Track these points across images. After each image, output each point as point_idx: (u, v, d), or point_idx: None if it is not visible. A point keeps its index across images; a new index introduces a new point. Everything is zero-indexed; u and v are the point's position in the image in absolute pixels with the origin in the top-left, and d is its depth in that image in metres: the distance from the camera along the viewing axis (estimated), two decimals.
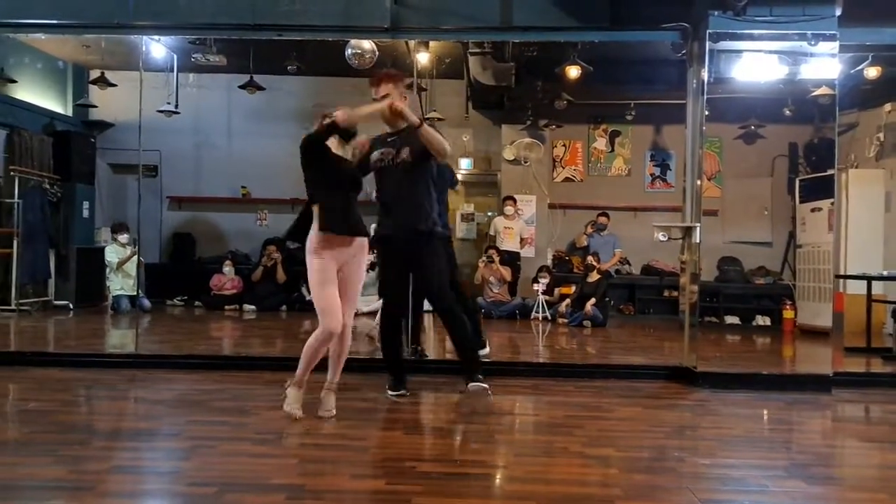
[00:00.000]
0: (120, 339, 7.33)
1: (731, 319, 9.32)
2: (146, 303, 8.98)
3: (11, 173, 8.60)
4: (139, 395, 4.38)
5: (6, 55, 8.89)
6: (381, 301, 9.37)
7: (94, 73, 9.65)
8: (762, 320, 9.24)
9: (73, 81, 10.33)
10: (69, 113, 10.29)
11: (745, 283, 9.76)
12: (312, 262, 3.74)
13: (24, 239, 8.63)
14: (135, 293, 8.73)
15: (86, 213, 9.69)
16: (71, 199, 9.44)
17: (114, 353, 5.86)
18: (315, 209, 3.76)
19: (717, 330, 8.61)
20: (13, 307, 8.43)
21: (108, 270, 9.09)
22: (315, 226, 3.74)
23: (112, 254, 9.00)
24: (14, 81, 8.90)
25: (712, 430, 3.91)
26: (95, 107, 10.00)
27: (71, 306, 8.98)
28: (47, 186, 9.13)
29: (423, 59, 8.50)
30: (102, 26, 5.46)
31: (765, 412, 4.45)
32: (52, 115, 9.85)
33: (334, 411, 3.89)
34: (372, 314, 9.13)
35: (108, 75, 9.40)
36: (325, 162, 3.79)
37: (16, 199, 8.55)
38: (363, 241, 3.90)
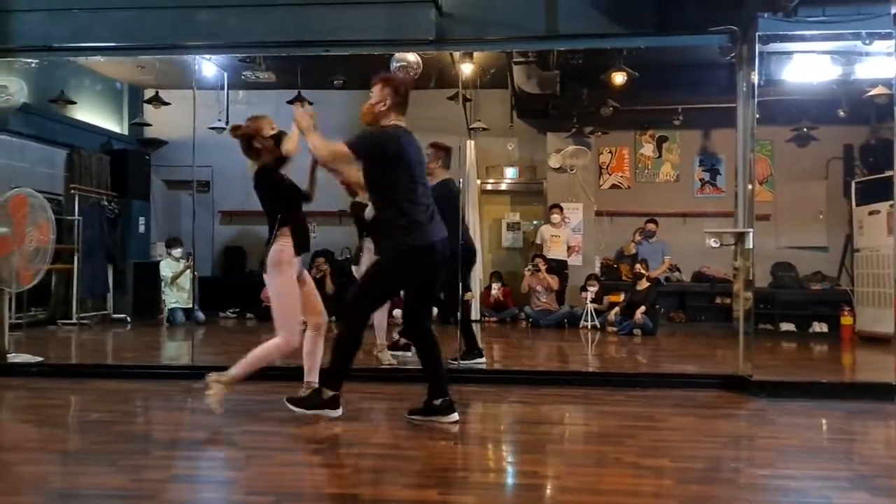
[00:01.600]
0: (176, 350, 7.52)
1: (787, 326, 9.08)
2: (200, 315, 9.18)
3: (72, 191, 8.91)
4: (195, 405, 4.47)
5: (67, 78, 9.23)
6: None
7: (149, 93, 9.93)
8: (819, 327, 8.98)
9: (128, 101, 10.66)
10: (125, 132, 10.62)
11: (801, 288, 9.51)
12: (281, 279, 3.92)
13: (83, 255, 8.92)
14: (189, 306, 8.93)
15: (142, 229, 9.97)
16: (127, 216, 9.74)
17: (170, 365, 6.01)
18: (286, 230, 3.94)
19: (772, 337, 8.39)
20: (74, 321, 8.71)
21: (163, 284, 9.33)
22: (285, 245, 3.93)
23: (166, 268, 9.23)
24: (74, 103, 9.22)
25: (770, 440, 3.82)
26: (150, 125, 10.29)
27: (128, 319, 9.23)
28: (105, 203, 9.43)
29: (467, 69, 8.55)
30: (157, 47, 5.63)
31: (824, 422, 4.33)
32: (109, 135, 10.18)
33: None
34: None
35: (162, 94, 9.67)
36: (284, 186, 4.00)
37: (76, 217, 8.85)
38: None
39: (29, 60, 6.76)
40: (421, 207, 3.92)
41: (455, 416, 3.95)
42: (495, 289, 9.71)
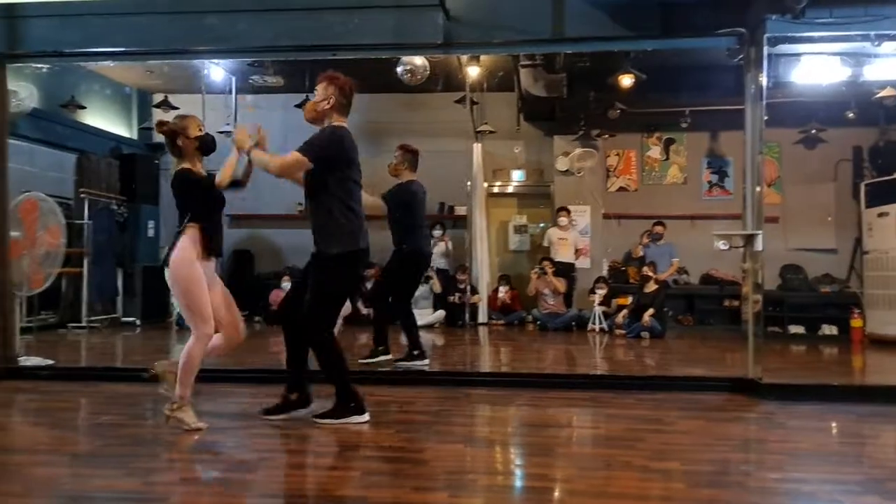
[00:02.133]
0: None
1: (796, 329, 9.06)
2: None
3: (81, 195, 8.96)
4: (204, 408, 4.48)
5: (77, 83, 9.30)
6: (439, 313, 9.44)
7: (158, 97, 10.00)
8: (829, 329, 8.96)
9: (137, 106, 10.73)
10: (134, 136, 10.69)
11: (810, 291, 9.49)
12: (193, 274, 3.83)
13: (93, 259, 8.97)
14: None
15: (151, 233, 10.02)
16: (136, 220, 9.78)
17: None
18: (193, 230, 3.86)
19: (781, 340, 8.38)
20: (84, 324, 8.76)
21: None
22: (193, 245, 3.85)
23: None
24: (83, 108, 9.29)
25: (780, 443, 3.80)
26: None
27: (138, 323, 9.27)
28: (115, 207, 9.48)
29: (474, 73, 8.57)
30: (167, 52, 5.66)
31: (835, 425, 4.31)
32: (119, 139, 10.24)
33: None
34: (429, 327, 9.20)
35: (171, 99, 9.73)
36: (199, 191, 3.94)
37: (86, 221, 8.90)
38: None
39: (40, 66, 6.82)
40: (359, 211, 3.97)
41: (367, 417, 3.95)
42: (502, 292, 9.72)
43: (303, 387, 4.10)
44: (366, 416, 3.95)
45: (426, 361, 5.96)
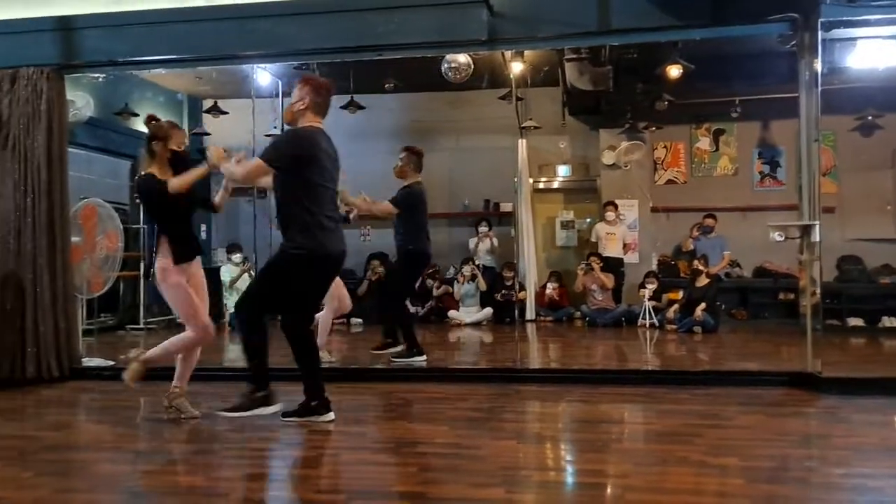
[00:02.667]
0: (237, 353, 7.66)
1: (855, 321, 8.79)
2: None
3: (137, 201, 9.18)
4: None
5: (130, 91, 9.54)
6: (486, 310, 9.44)
7: (208, 103, 10.20)
8: (890, 322, 8.67)
9: (188, 112, 10.96)
10: (186, 141, 10.91)
11: (869, 282, 9.20)
12: (168, 290, 4.00)
13: (149, 262, 9.19)
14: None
15: (203, 235, 10.23)
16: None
17: (234, 367, 6.13)
18: (164, 241, 3.98)
19: (840, 333, 8.14)
20: (141, 326, 9.00)
21: (224, 288, 9.55)
22: (166, 257, 3.96)
23: (226, 273, 9.45)
24: (137, 115, 9.53)
25: (843, 438, 3.71)
26: (209, 134, 10.55)
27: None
28: None
29: (518, 68, 8.54)
30: (215, 58, 5.78)
31: None
32: None
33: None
34: (476, 324, 9.22)
35: (220, 104, 9.92)
36: (163, 199, 3.97)
37: (141, 225, 9.13)
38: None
39: (94, 75, 7.02)
40: (326, 213, 3.89)
41: (275, 408, 3.93)
42: (550, 288, 9.66)
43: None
44: (276, 407, 3.93)
45: (424, 357, 5.99)
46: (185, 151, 4.15)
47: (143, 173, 4.06)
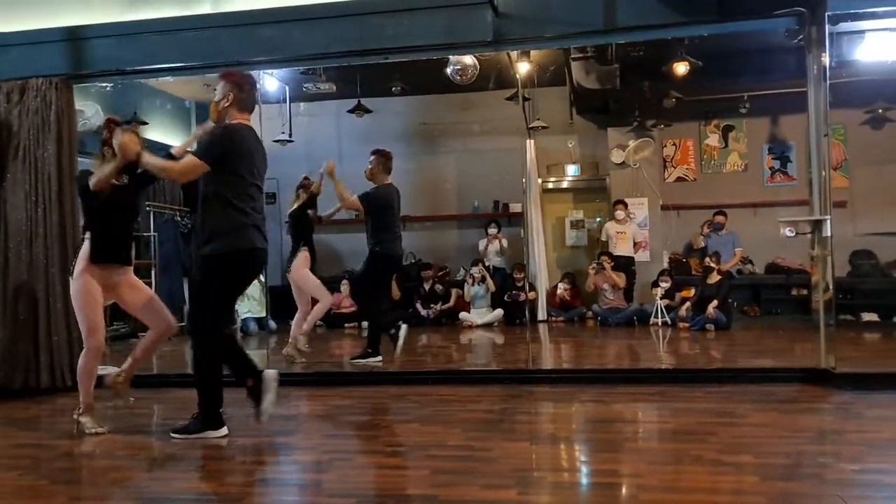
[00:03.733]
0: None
1: (869, 316, 8.71)
2: (272, 324, 9.39)
3: (147, 208, 9.25)
4: (273, 411, 4.59)
5: (139, 100, 9.60)
6: (497, 312, 9.45)
7: None
8: None
9: (196, 119, 11.00)
10: (194, 148, 10.97)
11: (883, 276, 9.12)
12: (74, 285, 3.96)
13: (160, 269, 9.25)
14: (262, 315, 9.14)
15: None
16: (200, 230, 10.03)
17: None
18: (86, 241, 3.97)
19: (853, 328, 8.08)
20: None
21: None
22: (84, 257, 3.94)
23: None
24: (145, 123, 9.58)
25: (858, 433, 3.68)
26: None
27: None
28: (178, 219, 9.75)
29: (524, 69, 8.52)
30: (223, 65, 5.78)
31: None
32: None
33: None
34: (488, 326, 9.21)
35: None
36: (93, 199, 3.96)
37: (152, 233, 9.18)
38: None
39: (103, 84, 7.07)
40: (253, 210, 3.84)
41: (224, 431, 3.86)
42: (561, 288, 9.63)
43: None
44: (223, 431, 3.87)
45: (379, 359, 6.09)
46: (136, 165, 4.05)
47: (83, 169, 4.11)
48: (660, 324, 8.62)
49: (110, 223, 4.03)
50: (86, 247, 3.97)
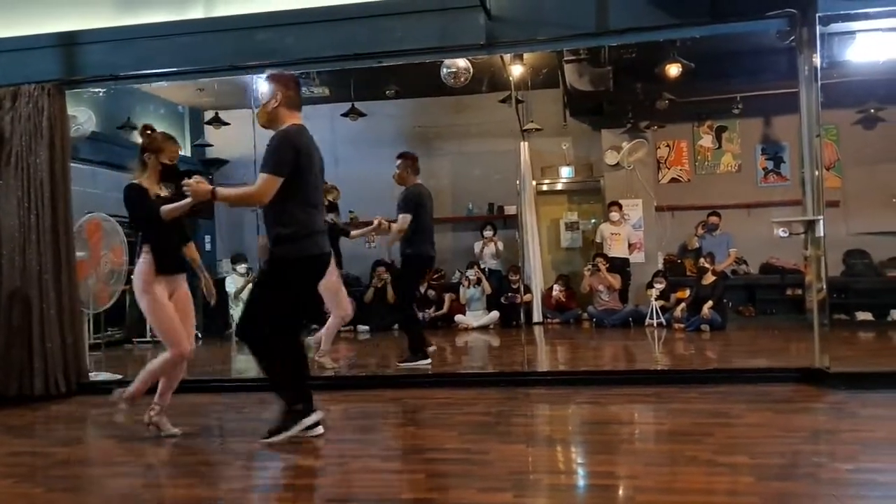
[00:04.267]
0: (245, 364, 7.68)
1: (863, 316, 8.74)
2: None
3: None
4: (269, 416, 4.57)
5: (132, 105, 9.59)
6: (493, 314, 9.45)
7: (209, 115, 10.24)
8: None
9: (190, 123, 11.01)
10: (188, 153, 10.95)
11: (876, 275, 9.16)
12: (146, 300, 3.91)
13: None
14: None
15: (208, 247, 10.26)
16: (194, 234, 9.96)
17: (242, 378, 6.16)
18: (146, 247, 3.93)
19: (848, 327, 8.10)
20: (148, 339, 9.00)
21: (230, 299, 9.56)
22: (147, 266, 3.90)
23: (231, 284, 9.46)
24: (153, 130, 9.56)
25: (852, 433, 3.69)
26: (211, 146, 10.60)
27: (199, 335, 9.44)
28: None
29: (518, 71, 8.54)
30: (217, 70, 5.80)
31: None
32: None
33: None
34: (484, 328, 9.21)
35: (221, 115, 9.96)
36: (151, 207, 3.94)
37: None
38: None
39: (96, 90, 7.05)
40: (318, 214, 3.78)
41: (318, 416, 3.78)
42: (557, 290, 9.65)
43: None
44: (316, 416, 3.77)
45: (428, 361, 6.06)
46: (176, 167, 4.11)
47: (131, 182, 4.02)
48: (655, 325, 8.64)
49: (168, 233, 4.03)
50: (147, 260, 3.92)
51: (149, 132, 4.15)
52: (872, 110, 9.35)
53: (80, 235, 6.11)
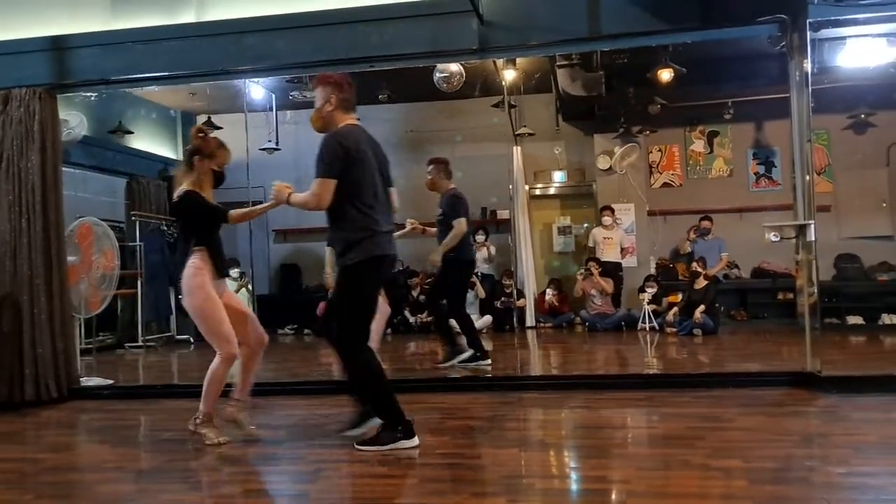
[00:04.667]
0: (237, 369, 7.65)
1: (854, 320, 8.79)
2: None
3: (133, 218, 9.20)
4: (261, 421, 4.55)
5: (124, 109, 9.56)
6: (486, 318, 9.45)
7: (201, 118, 10.21)
8: (889, 319, 8.68)
9: (182, 128, 10.98)
10: (180, 157, 10.92)
11: (867, 280, 9.21)
12: (196, 300, 3.84)
13: (147, 279, 9.20)
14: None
15: None
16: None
17: (234, 383, 6.12)
18: (202, 253, 3.88)
19: (839, 331, 8.14)
20: (140, 344, 8.98)
21: None
22: (201, 269, 3.85)
23: None
24: (131, 132, 9.55)
25: (844, 436, 3.70)
26: None
27: (192, 340, 9.44)
28: (165, 228, 9.70)
29: (510, 76, 8.56)
30: (209, 74, 5.78)
31: None
32: (166, 161, 10.49)
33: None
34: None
35: (214, 119, 9.93)
36: (207, 209, 3.94)
37: (138, 242, 9.14)
38: None
39: (88, 94, 7.03)
40: (378, 214, 3.67)
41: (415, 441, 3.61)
42: (550, 294, 9.65)
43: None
44: (414, 441, 3.62)
45: (489, 361, 6.14)
46: (223, 174, 4.08)
47: (185, 190, 3.92)
48: (647, 329, 8.66)
49: (219, 238, 4.03)
50: (203, 263, 3.87)
51: (202, 135, 4.04)
52: (863, 115, 9.42)
53: (71, 240, 6.08)
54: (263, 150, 9.63)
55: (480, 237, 9.84)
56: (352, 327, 3.63)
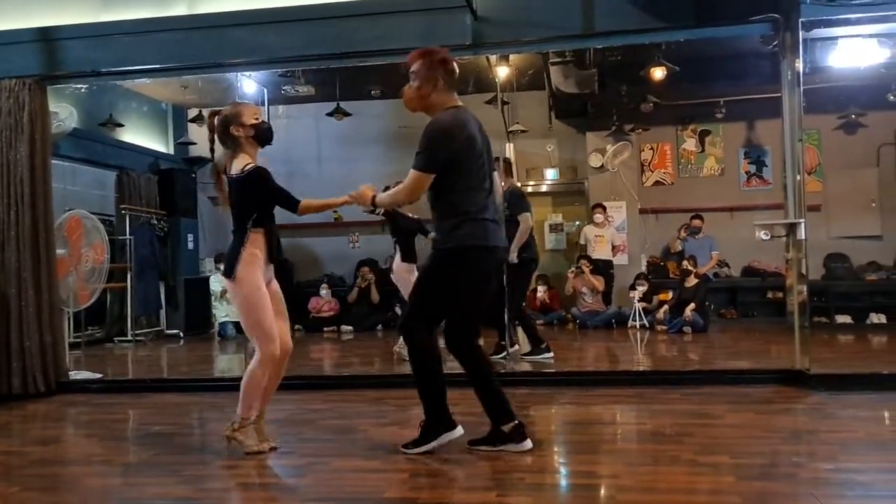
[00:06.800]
0: (228, 363, 7.65)
1: (843, 319, 8.85)
2: None
3: (122, 211, 9.15)
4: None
5: (114, 102, 9.50)
6: None
7: (193, 112, 10.16)
8: (877, 318, 8.74)
9: (173, 121, 10.92)
10: (171, 151, 10.87)
11: (856, 279, 9.27)
12: (247, 288, 3.48)
13: (136, 273, 9.16)
14: (239, 319, 9.06)
15: (190, 246, 10.19)
16: (176, 233, 9.96)
17: (224, 378, 6.11)
18: (258, 236, 3.52)
19: (828, 330, 8.19)
20: (129, 338, 8.94)
21: (213, 299, 9.51)
22: (259, 253, 3.51)
23: (216, 283, 9.40)
24: (121, 125, 9.48)
25: (831, 433, 3.72)
26: (195, 144, 10.51)
27: (181, 334, 9.41)
28: (155, 222, 9.66)
29: (503, 72, 8.54)
30: (200, 66, 5.75)
31: (888, 414, 4.20)
32: (156, 155, 10.44)
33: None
34: None
35: (205, 113, 9.86)
36: (275, 188, 3.56)
37: (127, 236, 9.08)
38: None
39: (78, 86, 6.98)
40: (487, 198, 3.40)
41: (528, 444, 3.43)
42: (541, 291, 9.66)
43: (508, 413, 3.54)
44: (459, 431, 3.47)
45: (551, 354, 6.21)
46: (264, 122, 3.65)
47: (254, 165, 3.51)
48: (638, 326, 8.68)
49: (274, 217, 3.64)
50: (258, 242, 3.50)
51: (216, 114, 3.65)
52: (853, 116, 9.47)
53: (60, 233, 6.04)
54: None
55: None
56: (416, 313, 3.43)
